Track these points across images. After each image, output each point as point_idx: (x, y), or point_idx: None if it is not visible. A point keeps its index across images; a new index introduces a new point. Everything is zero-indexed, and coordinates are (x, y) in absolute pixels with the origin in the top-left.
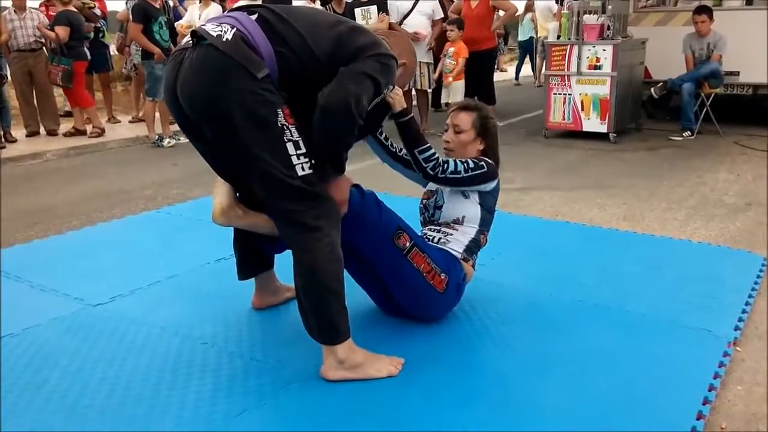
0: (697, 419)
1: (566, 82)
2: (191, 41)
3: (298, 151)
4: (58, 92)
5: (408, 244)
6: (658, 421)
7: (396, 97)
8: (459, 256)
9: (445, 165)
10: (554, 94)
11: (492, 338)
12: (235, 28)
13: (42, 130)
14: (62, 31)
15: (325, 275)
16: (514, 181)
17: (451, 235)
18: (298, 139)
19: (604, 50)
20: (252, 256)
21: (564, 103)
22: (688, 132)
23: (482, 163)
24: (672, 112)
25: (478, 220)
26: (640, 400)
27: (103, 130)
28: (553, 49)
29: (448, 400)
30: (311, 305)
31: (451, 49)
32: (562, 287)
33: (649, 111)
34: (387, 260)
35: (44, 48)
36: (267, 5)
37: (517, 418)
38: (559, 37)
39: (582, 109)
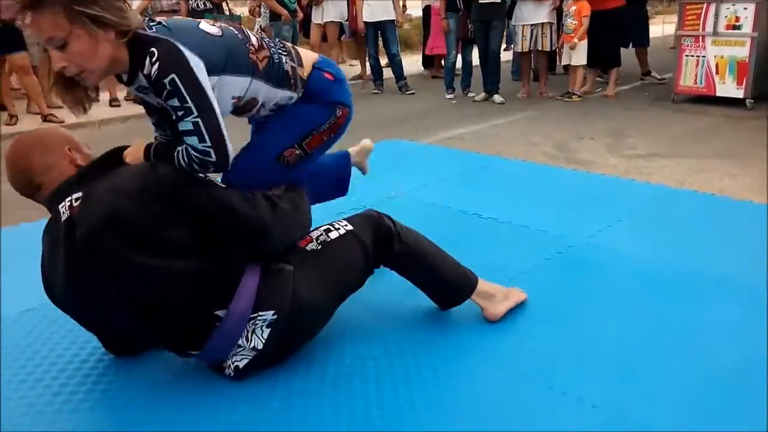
0: None
1: (700, 43)
2: None
3: None
4: None
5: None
6: None
7: None
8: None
9: None
10: (686, 56)
11: (605, 310)
12: None
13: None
14: None
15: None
16: (636, 148)
17: None
18: None
19: (745, 8)
20: None
21: (697, 65)
22: None
23: None
24: None
25: None
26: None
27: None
28: (688, 6)
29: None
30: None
31: (573, 8)
32: (683, 257)
33: None
34: None
35: None
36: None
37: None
38: None
39: (716, 73)
